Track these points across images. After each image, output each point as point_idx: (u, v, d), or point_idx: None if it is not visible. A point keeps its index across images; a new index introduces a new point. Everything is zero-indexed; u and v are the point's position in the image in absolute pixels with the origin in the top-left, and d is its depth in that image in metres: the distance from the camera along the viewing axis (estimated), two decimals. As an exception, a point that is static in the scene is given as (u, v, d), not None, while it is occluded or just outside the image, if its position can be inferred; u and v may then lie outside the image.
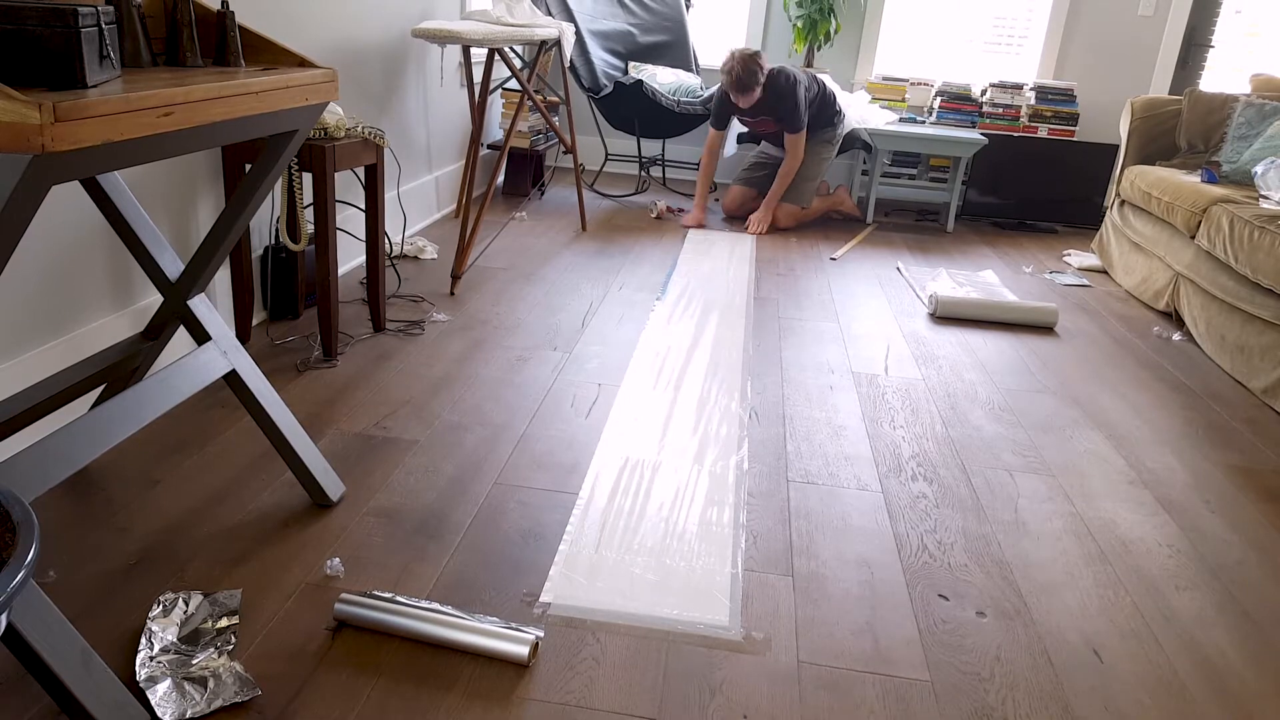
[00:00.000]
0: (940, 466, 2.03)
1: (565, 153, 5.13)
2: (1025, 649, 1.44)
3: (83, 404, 1.86)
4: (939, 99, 4.75)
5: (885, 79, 4.82)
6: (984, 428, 2.25)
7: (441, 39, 2.78)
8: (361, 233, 3.05)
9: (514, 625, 1.36)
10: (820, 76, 4.12)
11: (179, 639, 1.29)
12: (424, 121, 3.63)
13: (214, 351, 1.52)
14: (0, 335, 1.66)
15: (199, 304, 1.55)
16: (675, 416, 2.16)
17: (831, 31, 4.70)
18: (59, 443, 1.21)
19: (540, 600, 1.45)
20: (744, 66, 3.79)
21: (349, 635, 1.35)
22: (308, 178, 2.46)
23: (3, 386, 1.65)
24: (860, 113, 4.23)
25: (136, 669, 1.23)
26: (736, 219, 4.34)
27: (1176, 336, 3.08)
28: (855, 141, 4.20)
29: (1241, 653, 1.47)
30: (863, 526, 1.76)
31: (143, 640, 1.28)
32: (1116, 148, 4.57)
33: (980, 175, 4.67)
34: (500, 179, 4.66)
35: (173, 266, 1.55)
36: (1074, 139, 4.66)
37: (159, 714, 1.16)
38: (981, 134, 4.53)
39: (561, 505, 1.74)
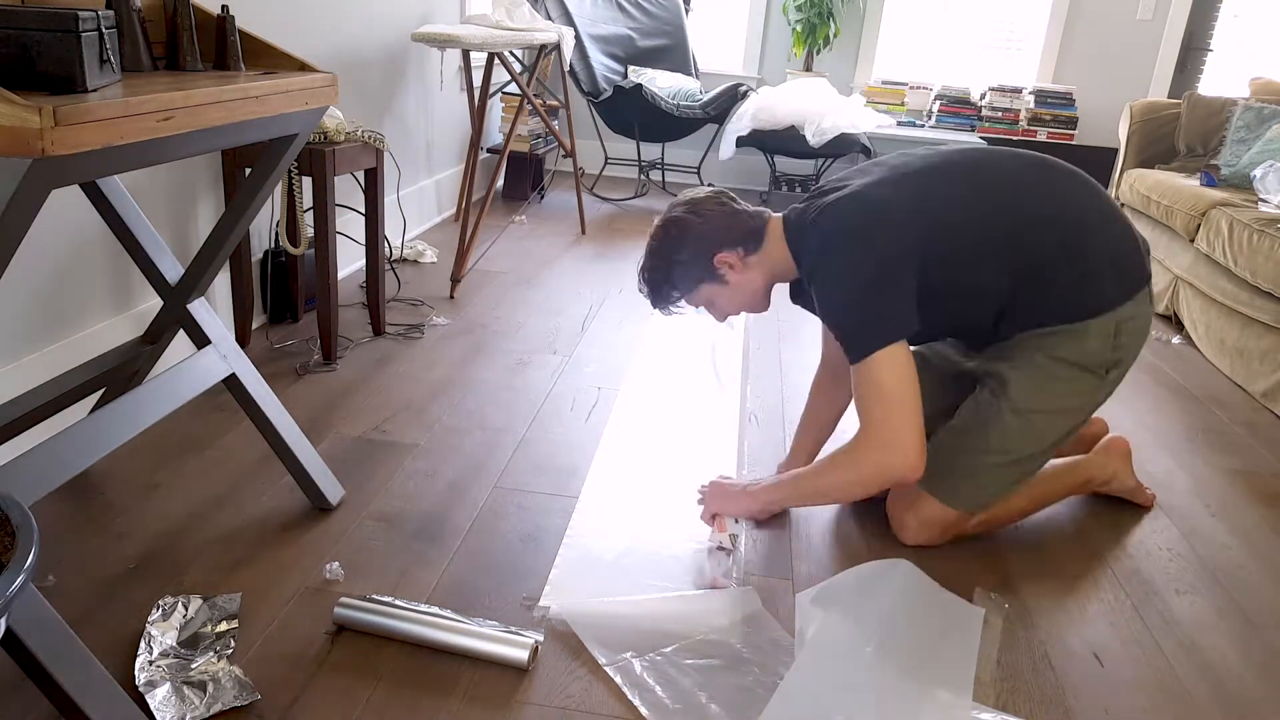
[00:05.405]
0: (940, 470, 2.02)
1: (565, 156, 5.13)
2: (1026, 652, 1.43)
3: (82, 408, 1.86)
4: (938, 103, 4.76)
5: (885, 83, 4.83)
6: (984, 431, 2.24)
7: (441, 43, 2.78)
8: (361, 236, 3.05)
9: (513, 629, 1.36)
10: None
11: (178, 643, 1.29)
12: (424, 125, 3.64)
13: (213, 355, 1.52)
14: (0, 339, 1.66)
15: (199, 308, 1.55)
16: (675, 419, 2.15)
17: (830, 35, 4.70)
18: (58, 447, 1.21)
19: (540, 604, 1.45)
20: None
21: (348, 639, 1.34)
22: (307, 182, 2.46)
23: (2, 390, 1.65)
24: (852, 117, 4.23)
25: (135, 673, 1.22)
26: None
27: (1176, 340, 3.08)
28: (854, 145, 4.20)
29: (1242, 656, 1.47)
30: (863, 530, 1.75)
31: (142, 644, 1.28)
32: (1115, 151, 4.57)
33: (979, 179, 4.66)
34: (500, 183, 4.66)
35: (172, 270, 1.55)
36: (1073, 142, 4.67)
37: (158, 718, 1.16)
38: (980, 137, 4.53)
39: (561, 509, 1.74)
